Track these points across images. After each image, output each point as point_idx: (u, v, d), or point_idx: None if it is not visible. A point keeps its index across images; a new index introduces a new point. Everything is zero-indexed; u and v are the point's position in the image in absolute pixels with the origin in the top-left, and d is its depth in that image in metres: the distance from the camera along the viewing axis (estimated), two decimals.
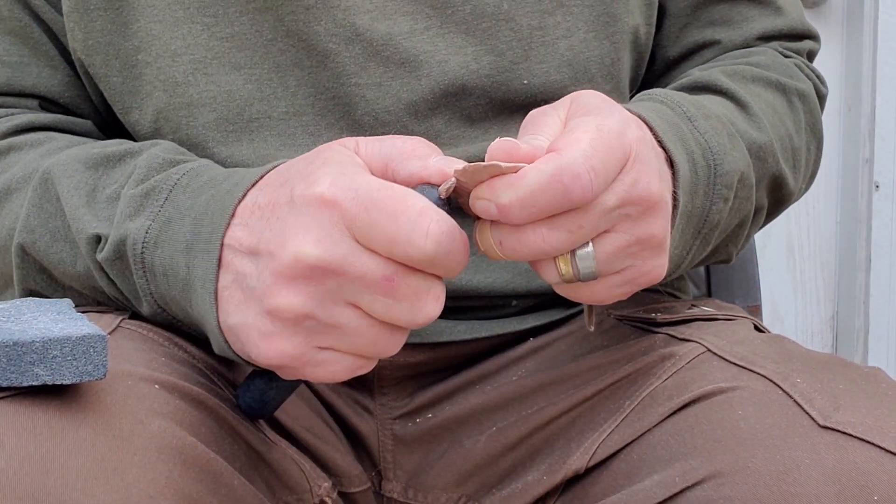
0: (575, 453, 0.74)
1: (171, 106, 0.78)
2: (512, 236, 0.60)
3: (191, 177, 0.69)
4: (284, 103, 0.78)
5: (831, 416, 0.62)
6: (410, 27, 0.77)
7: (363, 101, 0.77)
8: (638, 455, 0.70)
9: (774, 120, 0.80)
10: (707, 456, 0.64)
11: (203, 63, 0.78)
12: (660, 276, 0.65)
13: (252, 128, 0.78)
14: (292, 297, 0.60)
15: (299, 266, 0.59)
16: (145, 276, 0.69)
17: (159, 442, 0.60)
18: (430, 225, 0.58)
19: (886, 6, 1.71)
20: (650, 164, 0.63)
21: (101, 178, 0.73)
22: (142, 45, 0.78)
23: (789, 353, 0.70)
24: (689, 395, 0.69)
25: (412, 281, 0.59)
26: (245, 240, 0.63)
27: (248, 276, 0.62)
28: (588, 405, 0.76)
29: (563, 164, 0.58)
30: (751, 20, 0.87)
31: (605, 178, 0.59)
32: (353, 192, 0.59)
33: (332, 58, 0.77)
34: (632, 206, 0.61)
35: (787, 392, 0.64)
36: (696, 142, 0.72)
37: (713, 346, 0.73)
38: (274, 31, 0.77)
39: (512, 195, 0.58)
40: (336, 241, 0.59)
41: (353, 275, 0.59)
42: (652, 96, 0.76)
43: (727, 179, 0.73)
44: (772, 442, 0.61)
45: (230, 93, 0.78)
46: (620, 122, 0.62)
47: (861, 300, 1.84)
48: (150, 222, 0.68)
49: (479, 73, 0.78)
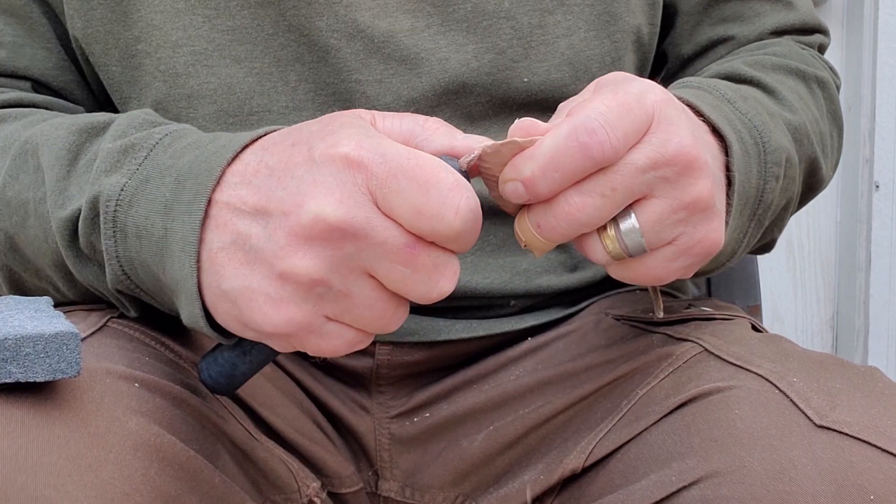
0: (572, 452, 0.74)
1: (170, 97, 0.78)
2: (546, 213, 0.59)
3: (174, 137, 0.67)
4: (285, 97, 0.78)
5: (827, 415, 0.62)
6: (412, 25, 0.77)
7: (364, 98, 0.77)
8: (635, 454, 0.70)
9: (801, 105, 0.80)
10: (704, 455, 0.63)
11: (204, 55, 0.77)
12: (717, 241, 0.63)
13: (252, 121, 0.78)
14: (308, 259, 0.57)
15: (319, 226, 0.56)
16: (114, 237, 0.65)
17: (136, 439, 0.60)
18: (461, 201, 0.56)
19: (886, 6, 1.70)
20: (679, 124, 0.61)
21: (84, 144, 0.70)
22: (142, 35, 0.78)
23: (786, 353, 0.70)
24: (686, 394, 0.69)
25: (433, 252, 0.58)
26: (249, 198, 0.59)
27: (252, 236, 0.59)
28: (585, 404, 0.77)
29: (576, 123, 0.57)
30: (763, 15, 0.88)
31: (624, 132, 0.58)
32: (381, 157, 0.56)
33: (332, 53, 0.77)
34: (667, 168, 0.60)
35: (784, 391, 0.64)
36: (741, 121, 0.71)
37: (710, 345, 0.73)
38: (275, 26, 0.77)
39: (533, 165, 0.58)
40: (359, 203, 0.56)
41: (374, 240, 0.56)
42: (686, 83, 0.76)
43: (776, 157, 0.72)
44: (768, 441, 0.61)
45: (230, 86, 0.77)
46: (639, 86, 0.61)
47: (861, 300, 1.84)
48: (126, 179, 0.65)
49: (480, 70, 0.78)
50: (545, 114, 0.78)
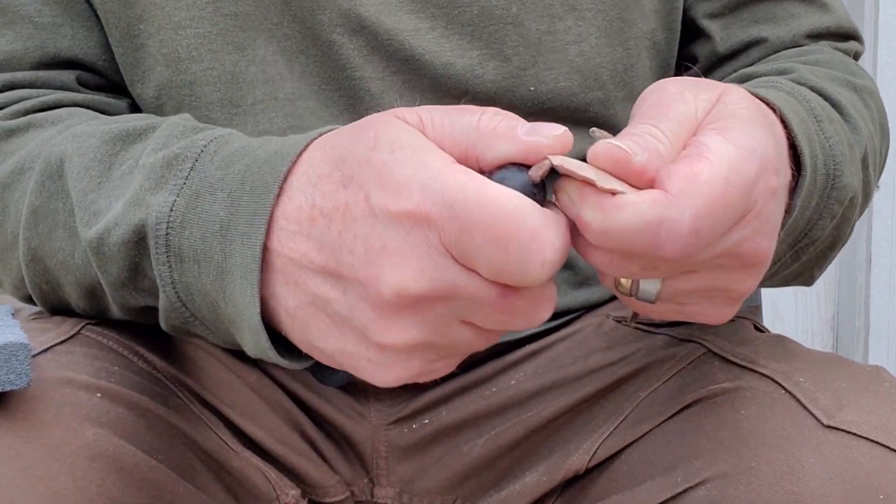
0: (574, 454, 0.73)
1: (173, 83, 0.76)
2: (579, 242, 0.54)
3: (219, 144, 0.61)
4: (290, 85, 0.75)
5: (835, 415, 0.62)
6: (416, 25, 0.75)
7: (368, 95, 0.76)
8: (639, 456, 0.70)
9: (862, 124, 0.73)
10: (710, 456, 0.63)
11: (207, 39, 0.75)
12: (721, 322, 0.59)
13: (256, 111, 0.75)
14: (403, 332, 0.53)
15: (404, 300, 0.52)
16: (168, 263, 0.59)
17: (92, 450, 0.59)
18: (545, 253, 0.50)
19: (886, 6, 1.70)
20: (770, 223, 0.55)
21: (118, 154, 0.65)
22: (144, 14, 0.75)
23: (791, 353, 0.70)
24: (692, 395, 0.68)
25: (526, 293, 0.53)
26: (315, 257, 0.54)
27: (332, 301, 0.54)
28: (586, 406, 0.76)
29: (665, 217, 0.50)
30: (797, 17, 0.83)
31: (709, 240, 0.52)
32: (449, 210, 0.50)
33: (335, 49, 0.75)
34: (728, 259, 0.55)
35: (790, 392, 0.64)
36: (821, 147, 0.65)
37: (714, 346, 0.72)
38: (280, 15, 0.74)
39: (597, 219, 0.51)
40: (439, 266, 0.51)
41: (464, 299, 0.52)
42: (777, 85, 0.69)
43: (841, 195, 0.66)
44: (776, 442, 0.61)
45: (234, 74, 0.75)
46: (759, 166, 0.53)
47: (862, 300, 1.84)
48: (174, 197, 0.59)
49: (484, 78, 0.76)
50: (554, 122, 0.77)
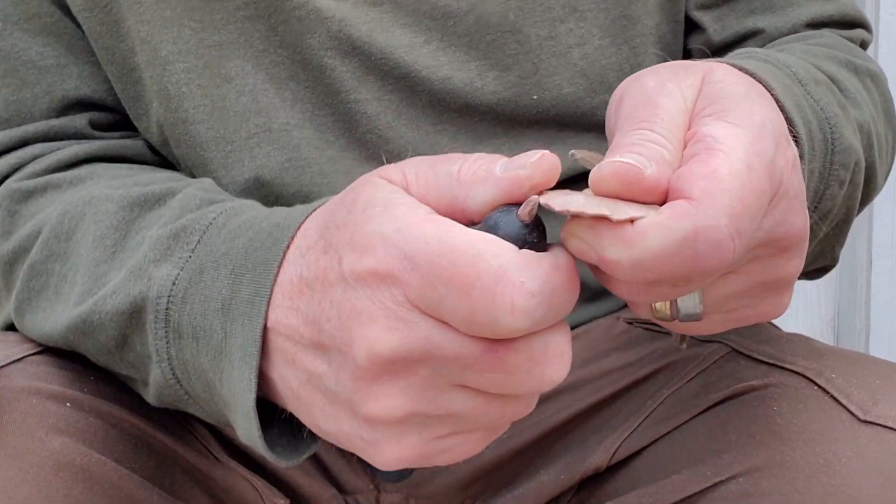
0: (594, 452, 0.73)
1: (168, 120, 0.73)
2: (602, 277, 0.49)
3: (228, 216, 0.59)
4: (283, 114, 0.73)
5: (871, 410, 0.62)
6: (410, 41, 0.72)
7: (364, 118, 0.73)
8: (663, 452, 0.69)
9: (861, 100, 0.68)
10: (742, 451, 0.63)
11: (195, 73, 0.72)
12: (779, 315, 0.54)
13: (251, 144, 0.73)
14: (385, 399, 0.49)
15: (377, 363, 0.48)
16: (167, 338, 0.57)
17: (59, 459, 0.59)
18: (514, 297, 0.45)
19: (887, 6, 1.71)
20: (798, 197, 0.50)
21: (135, 221, 0.63)
22: (135, 47, 0.72)
23: (818, 351, 0.70)
24: (719, 394, 0.68)
25: (520, 346, 0.47)
26: (305, 332, 0.51)
27: (323, 376, 0.51)
28: (604, 406, 0.76)
29: (700, 226, 0.44)
30: (797, 5, 0.78)
31: (750, 238, 0.46)
32: (410, 263, 0.47)
33: (327, 73, 0.72)
34: (765, 249, 0.50)
35: (823, 387, 0.64)
36: (812, 110, 0.60)
37: (739, 345, 0.72)
38: (266, 42, 0.72)
39: (624, 254, 0.45)
40: (409, 323, 0.47)
41: (445, 357, 0.47)
42: (752, 54, 0.64)
43: (844, 158, 0.62)
44: (810, 436, 0.61)
45: (224, 108, 0.72)
46: (773, 141, 0.48)
47: (862, 300, 1.84)
48: (178, 271, 0.57)
49: (485, 89, 0.73)
50: (561, 130, 0.75)
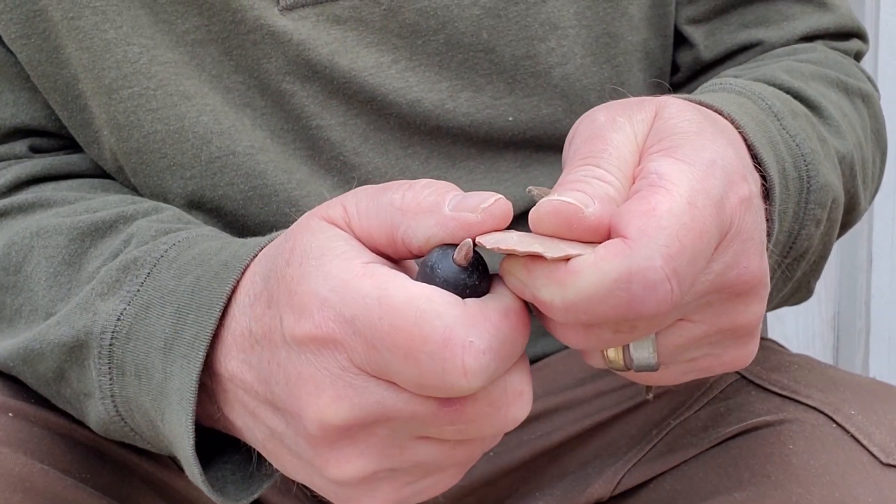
0: (596, 480, 0.71)
1: (121, 149, 0.68)
2: (546, 322, 0.47)
3: (180, 248, 0.57)
4: (247, 137, 0.68)
5: (894, 452, 0.60)
6: (376, 61, 0.68)
7: (328, 144, 0.69)
8: (671, 486, 0.68)
9: (846, 125, 0.67)
10: (755, 490, 0.62)
11: (145, 97, 0.66)
12: (745, 364, 0.51)
13: (214, 169, 0.68)
14: (349, 464, 0.48)
15: (330, 432, 0.47)
16: (110, 374, 0.56)
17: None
18: (465, 359, 0.44)
19: (887, 6, 1.69)
20: (753, 239, 0.48)
21: (87, 252, 0.62)
22: (78, 75, 0.67)
23: (832, 380, 0.68)
24: (731, 428, 0.66)
25: (478, 395, 0.46)
26: (259, 389, 0.50)
27: (283, 435, 0.50)
28: (603, 430, 0.74)
29: (633, 267, 0.43)
30: (793, 18, 0.75)
31: (691, 281, 0.44)
32: (350, 326, 0.45)
33: (287, 98, 0.68)
34: (717, 294, 0.48)
35: (842, 426, 0.62)
36: (787, 146, 0.59)
37: (748, 372, 0.70)
38: (219, 66, 0.67)
39: (556, 295, 0.44)
40: (358, 388, 0.46)
41: (401, 418, 0.46)
42: (725, 86, 0.62)
43: (821, 197, 0.60)
44: (829, 479, 0.59)
45: (181, 130, 0.67)
46: (723, 178, 0.46)
47: (863, 301, 1.84)
48: (124, 305, 0.56)
49: (456, 111, 0.70)
50: (537, 151, 0.72)
